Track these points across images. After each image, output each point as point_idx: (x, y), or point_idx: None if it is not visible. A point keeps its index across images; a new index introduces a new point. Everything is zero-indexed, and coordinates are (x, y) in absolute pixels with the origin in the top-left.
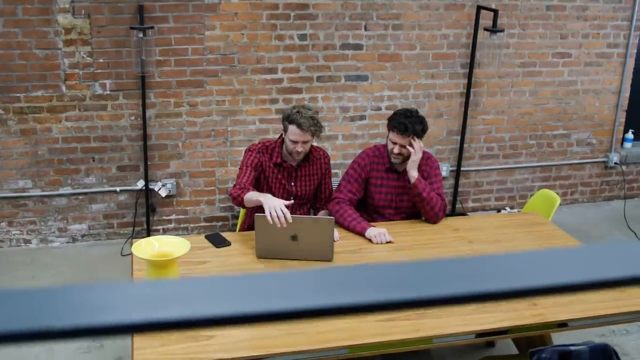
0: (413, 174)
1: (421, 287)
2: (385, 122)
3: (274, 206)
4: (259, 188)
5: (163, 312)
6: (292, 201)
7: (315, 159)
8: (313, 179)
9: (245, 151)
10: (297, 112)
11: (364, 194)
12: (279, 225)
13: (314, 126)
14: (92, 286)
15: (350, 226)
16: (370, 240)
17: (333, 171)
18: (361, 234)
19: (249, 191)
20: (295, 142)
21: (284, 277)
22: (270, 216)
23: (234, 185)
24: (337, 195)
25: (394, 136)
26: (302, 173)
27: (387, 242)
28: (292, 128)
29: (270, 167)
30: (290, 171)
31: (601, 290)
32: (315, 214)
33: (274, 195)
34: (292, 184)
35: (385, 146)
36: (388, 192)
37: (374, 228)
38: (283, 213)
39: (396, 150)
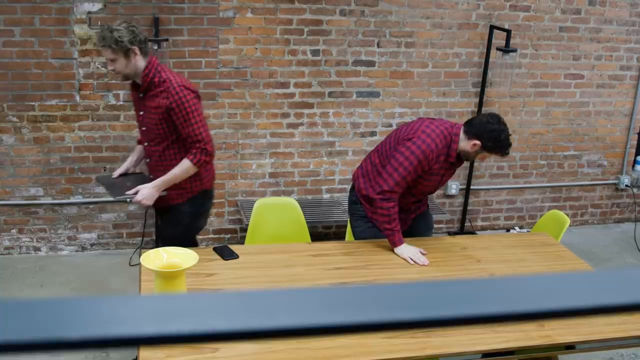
0: None
1: (429, 308)
2: None
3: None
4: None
5: (172, 326)
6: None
7: (159, 91)
8: (156, 112)
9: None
10: (99, 31)
11: None
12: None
13: (104, 40)
14: (103, 298)
15: (385, 229)
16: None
17: (338, 187)
18: (391, 245)
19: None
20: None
21: (292, 295)
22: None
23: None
24: (385, 189)
25: (491, 156)
26: (147, 103)
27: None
28: None
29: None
30: (137, 96)
31: (610, 315)
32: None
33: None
34: (141, 112)
35: (451, 134)
36: (436, 180)
37: (407, 246)
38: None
39: (483, 161)
